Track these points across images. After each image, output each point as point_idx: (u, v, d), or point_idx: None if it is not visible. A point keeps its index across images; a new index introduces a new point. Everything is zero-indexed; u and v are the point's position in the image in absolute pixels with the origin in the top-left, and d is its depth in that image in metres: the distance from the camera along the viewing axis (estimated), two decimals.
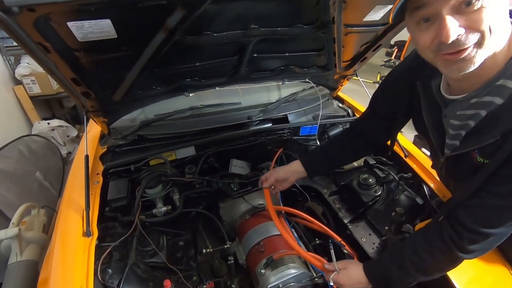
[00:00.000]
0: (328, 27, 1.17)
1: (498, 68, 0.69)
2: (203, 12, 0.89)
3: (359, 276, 0.96)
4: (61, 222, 1.10)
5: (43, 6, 0.66)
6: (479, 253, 0.82)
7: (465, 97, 0.76)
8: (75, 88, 1.05)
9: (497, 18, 0.61)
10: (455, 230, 0.81)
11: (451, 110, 0.83)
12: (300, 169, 1.27)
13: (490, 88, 0.71)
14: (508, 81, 0.68)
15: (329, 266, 1.03)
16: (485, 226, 0.76)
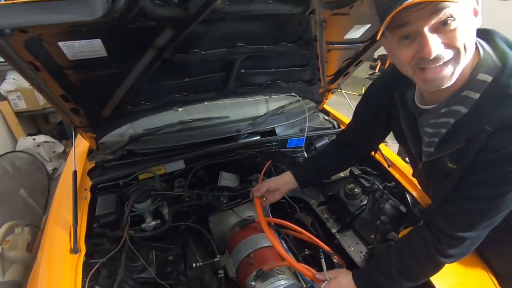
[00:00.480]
0: (311, 45, 1.23)
1: (464, 79, 0.75)
2: (191, 32, 0.93)
3: (349, 285, 0.99)
4: (47, 239, 1.08)
5: (35, 28, 0.69)
6: (458, 257, 0.86)
7: (436, 107, 0.82)
8: (64, 104, 1.07)
9: (469, 37, 0.68)
10: (435, 235, 0.85)
11: (425, 119, 0.89)
12: (291, 180, 1.30)
13: (457, 98, 0.77)
14: (471, 92, 0.74)
15: (319, 276, 1.05)
16: (460, 230, 0.81)
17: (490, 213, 0.78)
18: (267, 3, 0.90)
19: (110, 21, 0.74)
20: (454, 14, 0.63)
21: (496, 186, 0.73)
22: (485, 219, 0.79)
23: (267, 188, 1.32)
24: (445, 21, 0.64)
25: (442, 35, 0.66)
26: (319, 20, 1.06)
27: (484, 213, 0.78)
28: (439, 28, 0.65)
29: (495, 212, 0.77)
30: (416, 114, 0.91)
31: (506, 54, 0.71)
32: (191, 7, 0.81)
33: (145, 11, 0.77)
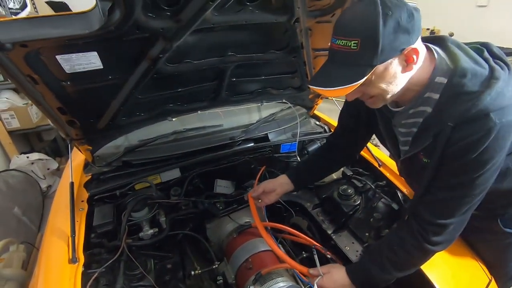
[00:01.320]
0: (298, 52, 1.29)
1: (424, 83, 0.83)
2: (183, 42, 0.98)
3: (342, 279, 1.02)
4: (45, 250, 1.08)
5: (35, 42, 0.73)
6: (444, 244, 0.91)
7: (405, 109, 0.90)
8: (60, 117, 1.09)
9: (386, 88, 0.80)
10: (419, 225, 0.91)
11: (397, 120, 0.96)
12: (287, 181, 1.34)
13: (421, 100, 0.85)
14: (432, 93, 0.83)
15: (313, 271, 1.08)
16: (441, 217, 0.86)
17: (465, 199, 0.84)
18: (253, 13, 0.96)
19: (106, 34, 0.78)
20: (364, 81, 0.73)
21: (464, 173, 0.80)
22: (461, 205, 0.85)
23: (263, 189, 1.35)
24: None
25: (360, 87, 0.76)
26: (304, 28, 1.12)
27: (459, 200, 0.84)
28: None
29: (469, 197, 0.83)
30: (389, 116, 0.99)
31: (457, 56, 0.79)
32: (182, 19, 0.86)
33: (138, 23, 0.82)
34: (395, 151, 1.03)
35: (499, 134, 0.73)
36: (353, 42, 0.70)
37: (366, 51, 0.70)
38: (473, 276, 1.09)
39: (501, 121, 0.72)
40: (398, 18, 0.69)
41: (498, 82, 0.74)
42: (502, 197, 0.94)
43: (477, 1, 4.35)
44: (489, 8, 4.24)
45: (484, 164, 0.77)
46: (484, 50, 0.83)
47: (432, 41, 0.86)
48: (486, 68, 0.78)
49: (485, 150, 0.75)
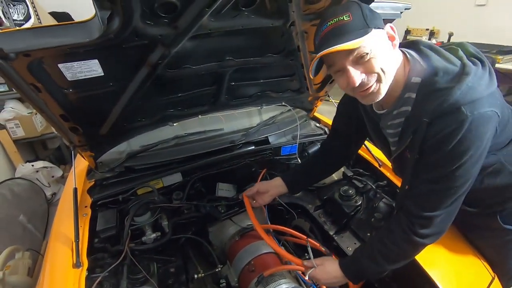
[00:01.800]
0: (295, 55, 1.31)
1: (402, 85, 0.89)
2: (182, 48, 1.00)
3: (335, 271, 1.06)
4: (50, 254, 1.10)
5: (37, 51, 0.75)
6: (433, 237, 0.92)
7: (388, 111, 0.96)
8: (63, 124, 1.12)
9: (385, 62, 0.83)
10: (407, 218, 0.93)
11: (384, 122, 1.00)
12: (281, 184, 1.38)
13: (402, 101, 0.90)
14: (410, 93, 0.88)
15: (307, 263, 1.13)
16: (426, 210, 0.89)
17: (448, 192, 0.86)
18: (249, 18, 0.98)
19: (106, 41, 0.80)
20: (366, 50, 0.79)
21: (443, 166, 0.83)
22: (445, 197, 0.86)
23: (257, 189, 1.39)
24: (361, 55, 0.81)
25: (362, 66, 0.83)
26: (299, 31, 1.14)
27: (442, 192, 0.86)
28: (358, 61, 0.82)
29: (452, 189, 0.85)
30: (376, 119, 1.02)
31: (429, 57, 0.85)
32: (180, 25, 0.89)
33: (137, 30, 0.84)
34: (386, 152, 1.07)
35: (471, 126, 0.76)
36: (345, 15, 0.79)
37: (358, 19, 0.79)
38: (475, 274, 1.08)
39: (472, 114, 0.76)
40: (366, 7, 0.82)
41: (468, 77, 0.77)
42: (498, 193, 0.95)
43: (476, 0, 4.36)
44: (488, 6, 4.24)
45: (461, 156, 0.80)
46: (458, 49, 0.87)
47: (407, 46, 0.93)
48: (458, 65, 0.82)
49: (460, 142, 0.78)
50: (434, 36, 4.76)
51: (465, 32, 4.29)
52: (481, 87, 0.78)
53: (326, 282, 1.11)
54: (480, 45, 3.75)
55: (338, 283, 1.10)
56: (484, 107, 0.77)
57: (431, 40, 4.68)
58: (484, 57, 0.86)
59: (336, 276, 1.06)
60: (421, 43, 0.90)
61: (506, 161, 0.91)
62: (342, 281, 1.08)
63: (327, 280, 1.09)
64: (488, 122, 0.78)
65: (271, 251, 1.36)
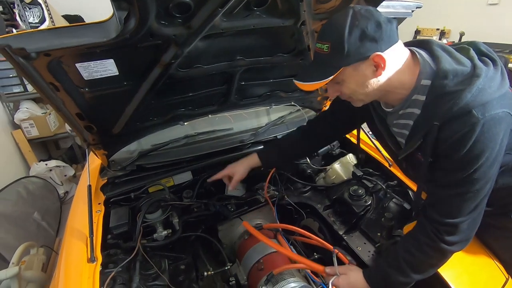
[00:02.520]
0: (305, 54, 1.32)
1: (411, 87, 0.87)
2: (194, 48, 1.02)
3: (359, 283, 1.02)
4: (65, 249, 1.13)
5: (57, 51, 0.78)
6: (461, 244, 0.90)
7: (395, 109, 0.95)
8: (79, 122, 1.15)
9: (357, 89, 0.88)
10: (432, 225, 0.90)
11: (390, 120, 1.00)
12: (256, 159, 1.43)
13: (409, 102, 0.89)
14: (419, 95, 0.87)
15: (330, 270, 1.10)
16: (449, 217, 0.87)
17: (467, 195, 0.84)
18: (261, 17, 0.99)
19: (122, 41, 0.83)
20: (336, 80, 0.85)
21: (459, 170, 0.82)
22: (466, 202, 0.85)
23: (229, 167, 1.44)
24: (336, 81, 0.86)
25: (337, 85, 0.89)
26: (310, 30, 1.15)
27: (462, 197, 0.84)
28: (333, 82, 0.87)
29: (471, 193, 0.83)
30: (383, 116, 1.02)
31: (439, 59, 0.83)
32: (193, 25, 0.91)
33: (152, 31, 0.86)
34: (396, 148, 1.05)
35: (484, 128, 0.75)
36: (325, 45, 0.81)
37: (335, 54, 0.80)
38: (489, 275, 1.06)
39: (484, 116, 0.75)
40: (364, 27, 0.78)
41: (478, 79, 0.76)
42: None
43: None
44: (501, 5, 4.17)
45: (476, 159, 0.79)
46: (470, 49, 0.86)
47: (418, 45, 0.91)
48: (468, 66, 0.80)
49: (474, 145, 0.77)
50: (445, 36, 4.70)
51: (477, 32, 4.22)
52: (492, 89, 0.77)
53: None
54: (493, 44, 3.69)
55: None
56: (495, 108, 0.76)
57: (442, 40, 4.62)
58: (497, 56, 0.84)
59: (360, 287, 1.02)
60: (433, 43, 0.88)
61: None
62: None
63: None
64: (500, 123, 0.77)
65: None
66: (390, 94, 0.90)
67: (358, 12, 0.79)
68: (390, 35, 0.81)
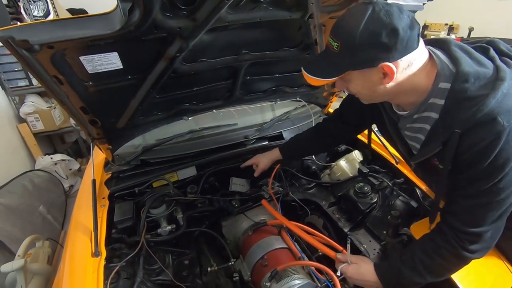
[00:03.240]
0: (312, 49, 1.29)
1: (428, 89, 0.81)
2: (199, 41, 1.00)
3: (369, 275, 1.01)
4: (70, 243, 1.13)
5: (61, 43, 0.77)
6: (483, 251, 0.87)
7: (409, 114, 0.90)
8: (83, 116, 1.14)
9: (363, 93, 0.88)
10: (454, 233, 0.87)
11: (402, 124, 0.96)
12: (277, 152, 1.50)
13: (425, 106, 0.84)
14: (437, 99, 0.81)
15: (341, 256, 1.09)
16: (472, 226, 0.83)
17: (491, 205, 0.80)
18: (267, 10, 0.97)
19: (126, 34, 0.81)
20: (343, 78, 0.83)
21: (483, 180, 0.78)
22: (490, 212, 0.81)
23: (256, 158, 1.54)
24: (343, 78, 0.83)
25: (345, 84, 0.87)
26: (317, 24, 1.12)
27: (486, 206, 0.81)
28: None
29: (495, 203, 0.80)
30: (395, 119, 0.98)
31: (458, 60, 0.77)
32: (198, 17, 0.89)
33: (156, 23, 0.84)
34: (406, 152, 1.02)
35: (510, 137, 0.71)
36: (336, 44, 0.77)
37: (343, 55, 0.77)
38: (498, 276, 1.04)
39: (510, 123, 0.70)
40: (378, 33, 0.71)
41: (503, 83, 0.71)
42: None
43: None
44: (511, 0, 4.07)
45: (501, 168, 0.75)
46: (490, 48, 0.81)
47: (435, 45, 0.85)
48: (490, 68, 0.75)
49: (499, 154, 0.73)
50: (453, 31, 4.61)
51: (486, 27, 4.13)
52: None
53: (356, 282, 1.06)
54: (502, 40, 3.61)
55: (368, 285, 1.04)
56: None
57: (450, 35, 4.53)
58: None
59: (369, 280, 1.00)
60: (451, 43, 0.82)
61: None
62: (373, 286, 1.02)
63: (358, 281, 1.04)
64: None
65: (285, 247, 1.36)
66: (401, 96, 0.86)
67: (377, 13, 0.71)
68: (408, 43, 0.73)
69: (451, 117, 0.78)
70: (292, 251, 1.33)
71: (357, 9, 0.75)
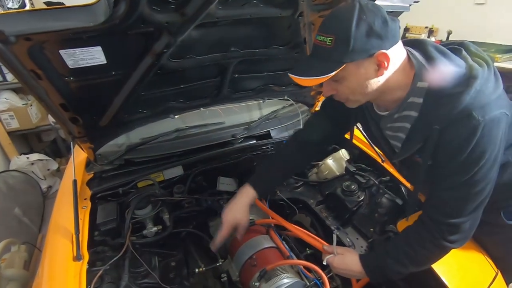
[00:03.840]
0: (301, 47, 1.29)
1: (407, 89, 0.86)
2: (187, 37, 0.97)
3: (354, 265, 1.03)
4: (49, 247, 1.08)
5: (39, 35, 0.72)
6: (461, 241, 0.92)
7: (390, 113, 0.94)
8: (63, 114, 1.09)
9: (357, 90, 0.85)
10: (436, 225, 0.91)
11: (383, 124, 0.99)
12: (251, 193, 1.23)
13: (405, 105, 0.88)
14: (416, 98, 0.85)
15: (328, 248, 1.12)
16: (452, 217, 0.87)
17: (469, 197, 0.85)
18: (258, 6, 0.95)
19: (111, 27, 0.77)
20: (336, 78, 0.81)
21: (460, 173, 0.82)
22: (468, 203, 0.86)
23: (226, 220, 1.22)
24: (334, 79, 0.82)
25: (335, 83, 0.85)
26: (307, 22, 1.12)
27: (464, 198, 0.85)
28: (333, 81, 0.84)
29: (473, 195, 0.84)
30: (377, 119, 1.01)
31: (434, 60, 0.82)
32: (187, 12, 0.86)
33: (143, 16, 0.81)
34: (389, 151, 1.04)
35: (484, 131, 0.76)
36: (329, 38, 0.77)
37: (338, 48, 0.76)
38: (479, 270, 1.09)
39: (484, 118, 0.75)
40: (371, 23, 0.75)
41: (476, 81, 0.76)
42: (503, 190, 0.94)
43: None
44: (488, 5, 4.25)
45: (477, 161, 0.79)
46: (461, 50, 0.85)
47: (412, 45, 0.89)
48: (463, 67, 0.80)
49: (475, 147, 0.77)
50: (433, 34, 4.76)
51: (464, 31, 4.30)
52: (489, 90, 0.77)
53: (341, 273, 1.09)
54: (479, 43, 3.76)
55: (353, 276, 1.08)
56: (493, 110, 0.76)
57: (430, 38, 4.68)
58: (488, 57, 0.84)
59: (354, 270, 1.04)
60: (428, 44, 0.86)
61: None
62: (358, 276, 1.06)
63: (343, 271, 1.07)
64: (499, 124, 0.78)
65: (273, 246, 1.35)
66: (386, 95, 0.88)
67: (365, 5, 0.76)
68: (394, 33, 0.79)
69: (430, 115, 0.82)
70: (280, 250, 1.33)
71: (344, 6, 0.80)
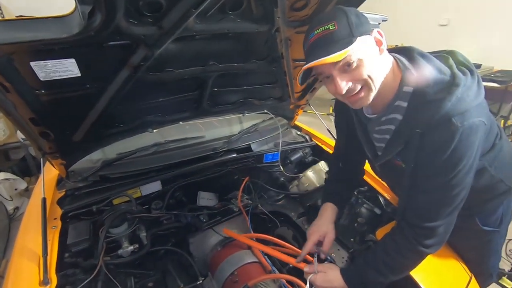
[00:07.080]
0: (279, 62, 1.32)
1: (394, 93, 0.89)
2: (165, 51, 0.97)
3: (336, 280, 1.03)
4: (13, 271, 0.99)
5: (7, 46, 0.69)
6: (436, 246, 0.94)
7: (377, 116, 0.97)
8: (33, 128, 1.04)
9: (372, 68, 0.83)
10: (411, 228, 0.93)
11: (371, 126, 1.02)
12: (332, 208, 1.27)
13: (391, 108, 0.91)
14: (401, 102, 0.89)
15: (309, 268, 1.10)
16: (427, 221, 0.90)
17: (445, 201, 0.88)
18: (235, 22, 0.97)
19: (85, 39, 0.76)
20: (352, 58, 0.80)
21: (438, 176, 0.85)
22: (443, 207, 0.89)
23: (313, 232, 1.23)
24: (347, 63, 0.81)
25: (349, 73, 0.83)
26: (284, 38, 1.16)
27: (440, 201, 0.88)
28: (345, 68, 0.83)
29: (449, 199, 0.87)
30: (365, 122, 1.04)
31: (421, 67, 0.86)
32: (164, 25, 0.86)
33: (120, 29, 0.80)
34: (372, 155, 1.07)
35: (462, 137, 0.79)
36: (330, 24, 0.79)
37: (343, 28, 0.79)
38: (454, 275, 1.12)
39: (463, 124, 0.78)
40: (356, 12, 0.82)
41: (458, 89, 0.79)
42: (477, 195, 0.98)
43: (439, 20, 4.72)
44: (450, 27, 4.61)
45: (455, 165, 0.82)
46: (448, 58, 0.90)
47: (399, 52, 0.93)
48: (448, 75, 0.83)
49: (453, 152, 0.80)
50: None
51: (429, 50, 4.61)
52: (470, 98, 0.80)
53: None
54: None
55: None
56: (472, 117, 0.79)
57: None
58: (473, 66, 0.88)
59: (337, 286, 1.03)
60: (415, 51, 0.90)
61: (489, 165, 0.96)
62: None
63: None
64: (477, 131, 0.81)
65: (255, 261, 1.33)
66: (379, 96, 0.89)
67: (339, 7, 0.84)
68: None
69: (413, 118, 0.85)
70: (262, 265, 1.31)
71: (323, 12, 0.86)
